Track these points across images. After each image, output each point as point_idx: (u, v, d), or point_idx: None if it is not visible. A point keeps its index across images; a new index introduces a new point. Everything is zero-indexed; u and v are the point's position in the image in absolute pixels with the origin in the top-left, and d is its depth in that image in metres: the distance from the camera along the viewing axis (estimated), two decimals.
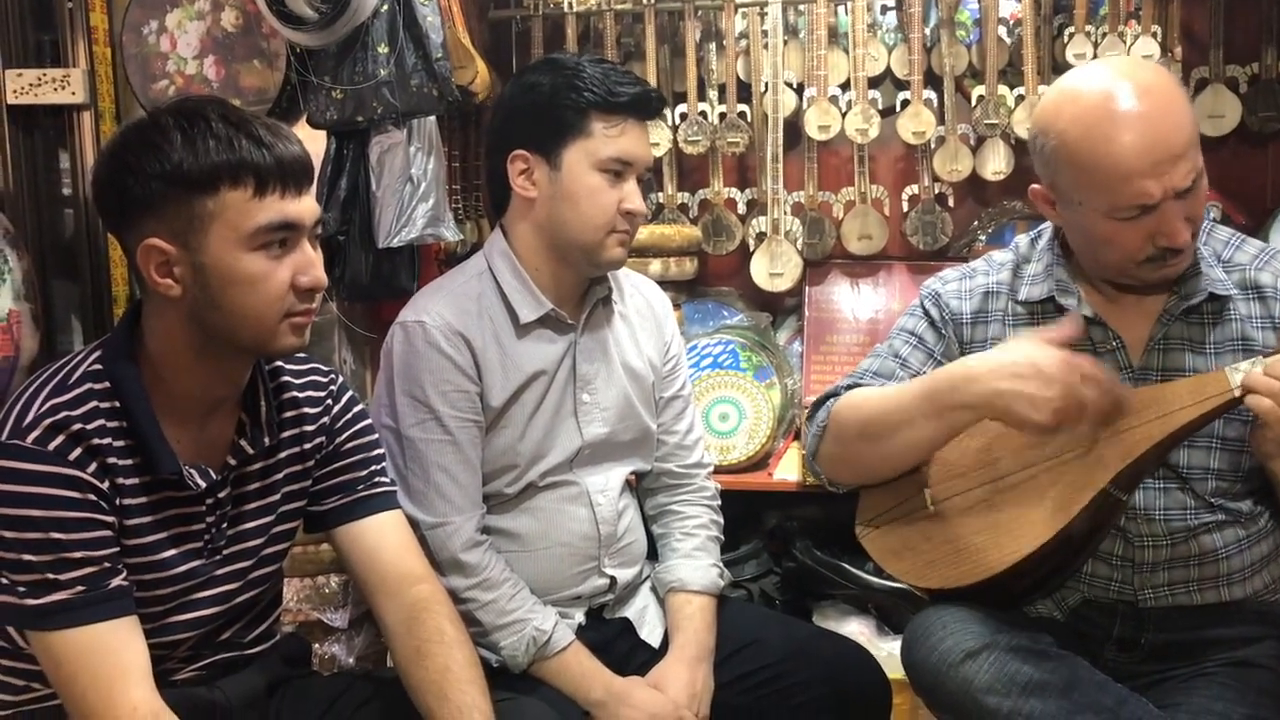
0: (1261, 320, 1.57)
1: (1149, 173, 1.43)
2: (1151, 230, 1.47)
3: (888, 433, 1.57)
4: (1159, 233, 1.46)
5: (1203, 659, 1.54)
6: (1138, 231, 1.47)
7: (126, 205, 1.30)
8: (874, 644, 2.26)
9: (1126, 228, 1.47)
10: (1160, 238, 1.47)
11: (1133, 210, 1.45)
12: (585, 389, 1.78)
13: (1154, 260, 1.50)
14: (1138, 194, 1.44)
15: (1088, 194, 1.48)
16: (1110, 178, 1.44)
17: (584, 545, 1.78)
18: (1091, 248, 1.55)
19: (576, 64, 1.72)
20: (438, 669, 1.42)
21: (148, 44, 2.29)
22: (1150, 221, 1.46)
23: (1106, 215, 1.47)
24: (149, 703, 1.28)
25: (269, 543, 1.48)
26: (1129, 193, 1.44)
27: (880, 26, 2.60)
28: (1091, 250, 1.56)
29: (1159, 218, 1.45)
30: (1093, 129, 1.45)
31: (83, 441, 1.29)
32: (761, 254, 2.62)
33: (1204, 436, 1.53)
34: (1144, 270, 1.52)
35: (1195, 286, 1.56)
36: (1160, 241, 1.47)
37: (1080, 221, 1.53)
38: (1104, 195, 1.46)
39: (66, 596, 1.27)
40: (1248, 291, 1.58)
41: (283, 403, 1.48)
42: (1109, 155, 1.44)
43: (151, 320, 1.37)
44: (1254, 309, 1.57)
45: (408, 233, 2.17)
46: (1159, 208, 1.45)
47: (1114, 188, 1.45)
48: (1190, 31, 2.49)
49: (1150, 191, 1.43)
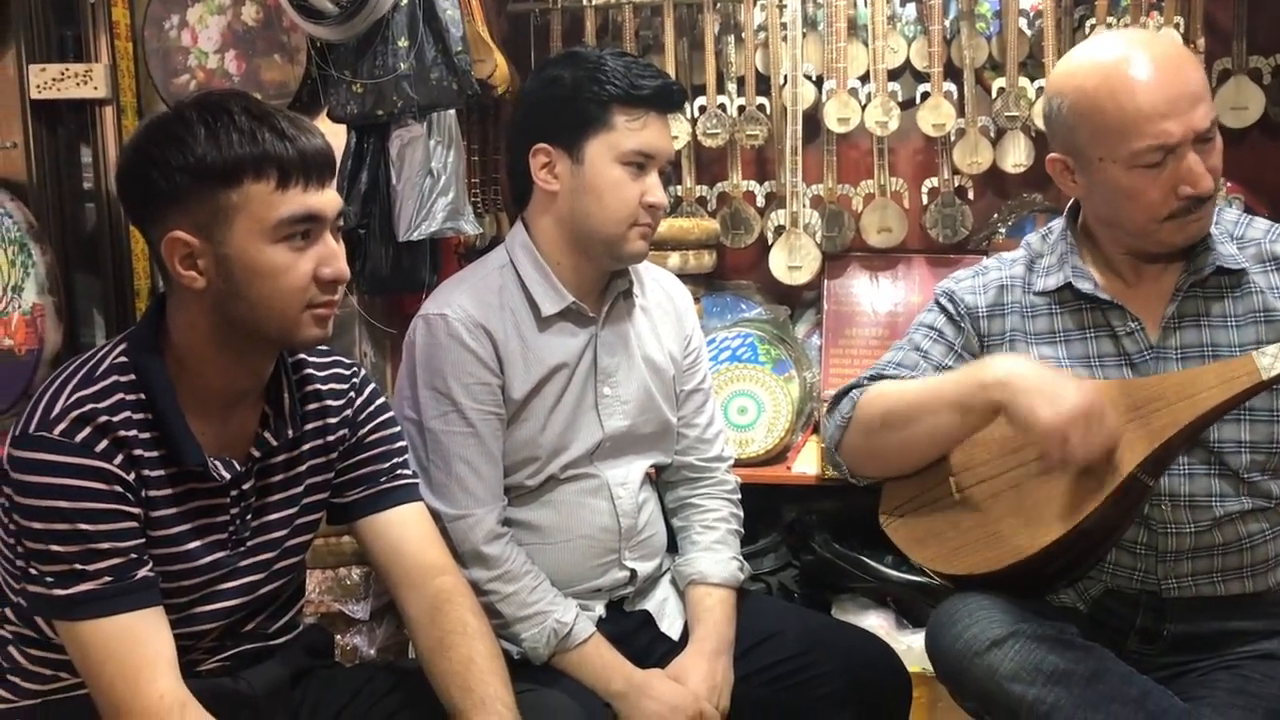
0: None
1: (1169, 112, 1.44)
2: (1174, 180, 1.47)
3: (912, 422, 1.57)
4: (1182, 181, 1.47)
5: (1226, 651, 1.54)
6: (1161, 183, 1.47)
7: (150, 198, 1.31)
8: (893, 637, 2.26)
9: (1149, 179, 1.47)
10: (1183, 186, 1.47)
11: (1155, 154, 1.45)
12: (606, 382, 1.78)
13: (1177, 216, 1.49)
14: (1159, 134, 1.44)
15: (1108, 145, 1.48)
16: (1131, 120, 1.45)
17: (604, 538, 1.79)
18: (1114, 210, 1.54)
19: (598, 57, 1.72)
20: (461, 660, 1.42)
21: (169, 38, 2.30)
22: (1172, 170, 1.46)
23: (1128, 165, 1.47)
24: (175, 692, 1.29)
25: (292, 534, 1.49)
26: (1151, 133, 1.44)
27: (900, 18, 2.59)
28: (1114, 213, 1.55)
29: (1180, 165, 1.46)
30: (1110, 76, 1.47)
31: (109, 433, 1.30)
32: (780, 247, 2.62)
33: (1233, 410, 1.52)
34: (1167, 230, 1.51)
35: (1205, 261, 1.56)
36: (1184, 191, 1.47)
37: (1101, 181, 1.52)
38: (1125, 141, 1.46)
39: (94, 587, 1.28)
40: (1265, 264, 1.58)
41: (306, 395, 1.49)
42: (1130, 98, 1.45)
43: (175, 313, 1.38)
44: (1274, 279, 1.57)
45: (427, 226, 2.17)
46: (1180, 154, 1.45)
47: (1136, 130, 1.45)
48: (1213, 22, 2.47)
49: (1171, 131, 1.44)
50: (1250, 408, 1.53)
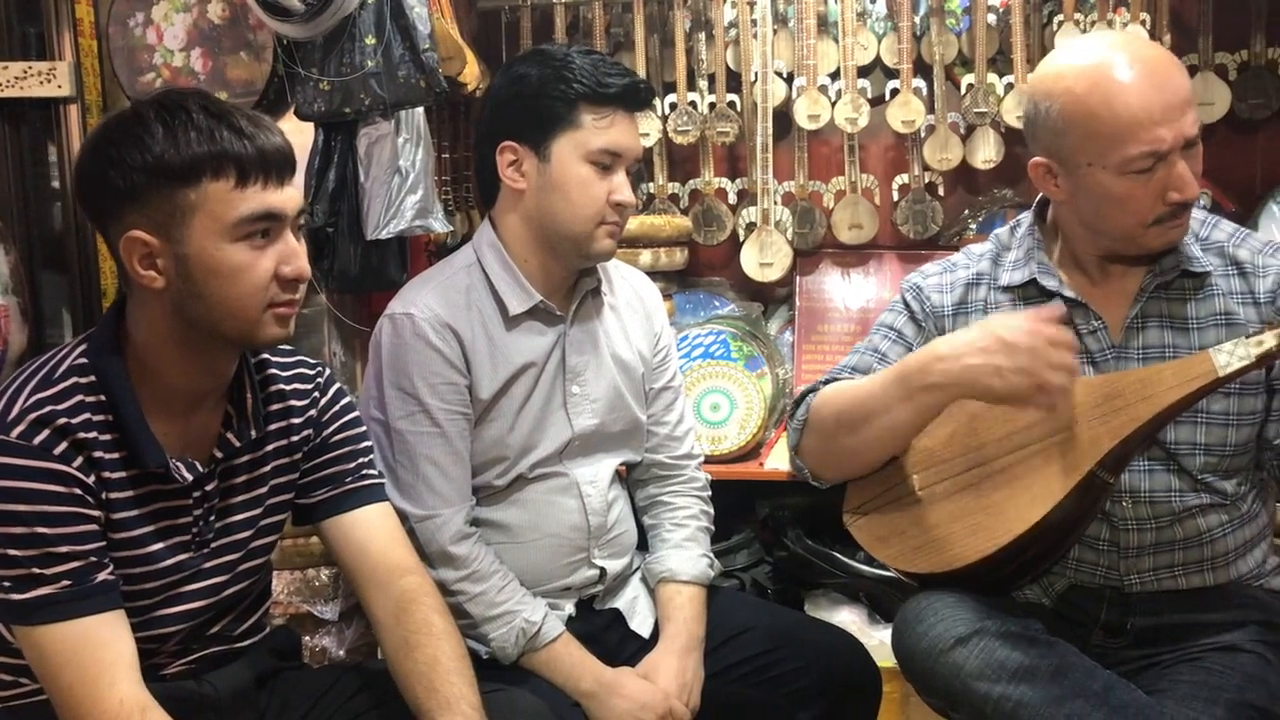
0: (1242, 295, 1.58)
1: (1161, 119, 1.44)
2: (1163, 186, 1.47)
3: (863, 421, 1.57)
4: (1171, 187, 1.47)
5: (1189, 644, 1.55)
6: (1149, 188, 1.47)
7: (108, 198, 1.30)
8: (865, 632, 2.27)
9: (1138, 185, 1.47)
10: (1172, 193, 1.47)
11: (1146, 160, 1.45)
12: (575, 381, 1.78)
13: (1162, 221, 1.50)
14: (1153, 141, 1.44)
15: (1099, 151, 1.48)
16: (1125, 126, 1.45)
17: (574, 537, 1.78)
18: (1098, 215, 1.54)
19: (565, 55, 1.72)
20: (426, 660, 1.42)
21: (134, 36, 2.28)
22: (1162, 177, 1.47)
23: (1118, 171, 1.47)
24: (136, 697, 1.28)
25: (257, 535, 1.48)
26: (1144, 139, 1.44)
27: (870, 15, 2.60)
28: (1098, 219, 1.54)
29: (1171, 172, 1.46)
30: (1101, 81, 1.46)
31: (68, 436, 1.29)
32: (752, 244, 2.62)
33: (1190, 412, 1.54)
34: (1150, 235, 1.51)
35: (1170, 263, 1.57)
36: (1172, 197, 1.48)
37: (1088, 186, 1.51)
38: (1116, 148, 1.46)
39: (52, 591, 1.27)
40: (1229, 267, 1.59)
41: (269, 395, 1.48)
42: (1123, 104, 1.45)
43: (136, 313, 1.36)
44: (1234, 284, 1.58)
45: (396, 224, 2.16)
46: (1169, 160, 1.46)
47: (1128, 136, 1.45)
48: (1179, 18, 2.49)
49: (1164, 138, 1.44)
50: (1206, 411, 1.55)
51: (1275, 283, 1.57)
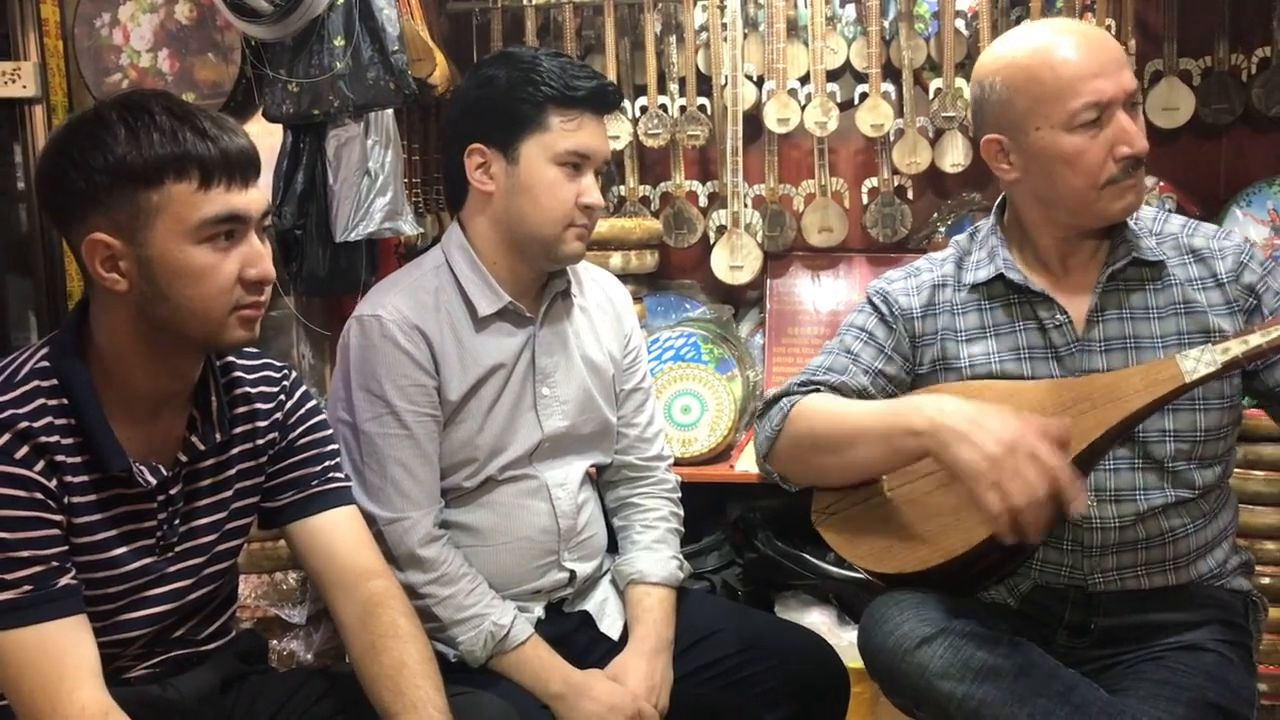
0: (1202, 280, 1.61)
1: (1100, 71, 1.51)
2: (1112, 140, 1.51)
3: (842, 447, 1.58)
4: (1119, 141, 1.51)
5: (1151, 643, 1.56)
6: (1098, 144, 1.51)
7: (70, 200, 1.29)
8: (835, 633, 2.28)
9: (1086, 141, 1.51)
10: (1121, 147, 1.51)
11: (1091, 111, 1.50)
12: (545, 382, 1.78)
13: (1117, 181, 1.53)
14: (1094, 91, 1.50)
15: (1045, 110, 1.52)
16: (1066, 82, 1.51)
17: (543, 539, 1.78)
18: (1052, 182, 1.56)
19: (533, 58, 1.72)
20: (393, 664, 1.41)
21: (100, 36, 2.26)
22: (1108, 132, 1.51)
23: (1067, 127, 1.52)
24: (98, 702, 1.26)
25: (222, 539, 1.47)
26: (1086, 90, 1.50)
27: (839, 19, 2.61)
28: (1052, 186, 1.57)
29: (1116, 126, 1.51)
30: (1039, 48, 1.54)
31: (29, 440, 1.28)
32: (722, 247, 2.63)
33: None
34: (1106, 196, 1.54)
35: (1122, 252, 1.60)
36: (1121, 151, 1.51)
37: (1040, 151, 1.55)
38: (1060, 103, 1.51)
39: (13, 596, 1.26)
40: (1184, 256, 1.62)
41: (235, 398, 1.47)
42: (1063, 62, 1.52)
43: (99, 316, 1.35)
44: (1192, 271, 1.61)
45: (365, 226, 2.16)
46: (1113, 114, 1.51)
47: (1071, 90, 1.50)
48: (1145, 24, 2.52)
49: (1104, 89, 1.50)
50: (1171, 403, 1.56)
51: (1235, 261, 1.60)
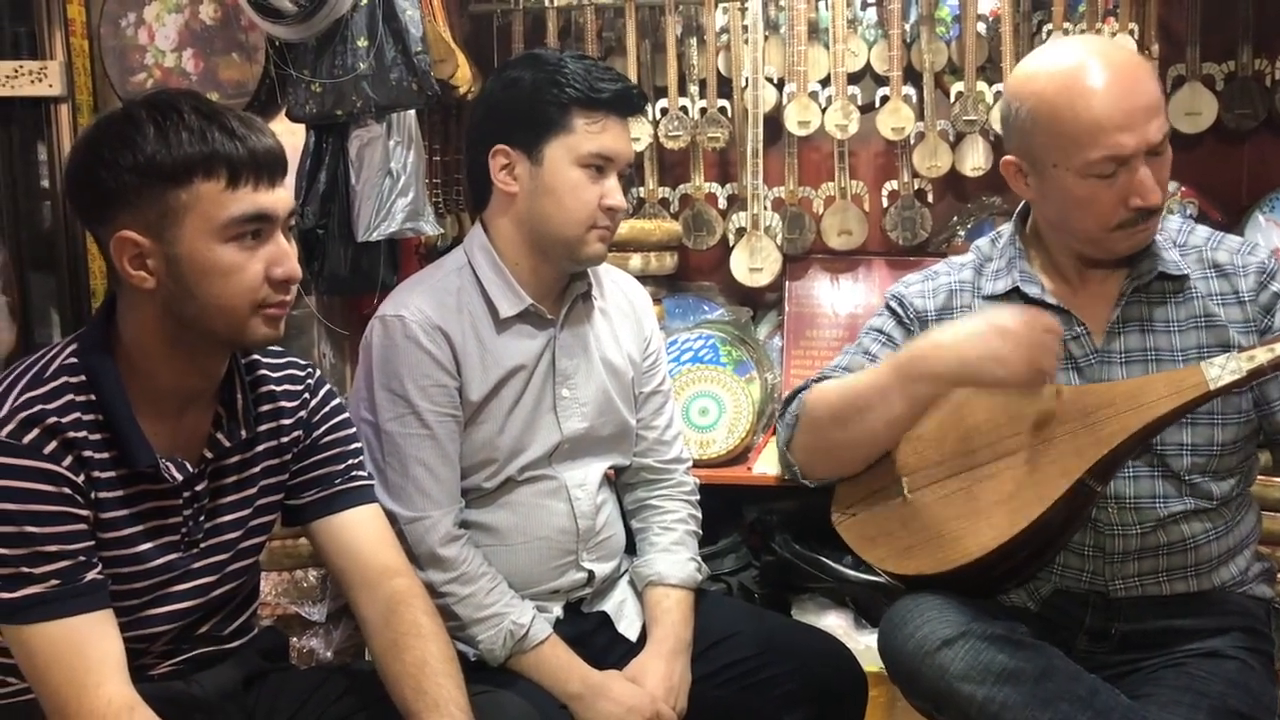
0: (1223, 296, 1.60)
1: (1125, 125, 1.47)
2: (1125, 191, 1.49)
3: (856, 413, 1.59)
4: (1132, 193, 1.49)
5: (1173, 649, 1.56)
6: (1112, 192, 1.50)
7: (99, 198, 1.30)
8: (851, 637, 2.28)
9: (1101, 188, 1.50)
10: (1134, 198, 1.50)
11: (1107, 165, 1.48)
12: (564, 384, 1.78)
13: (1126, 226, 1.52)
14: (1114, 146, 1.47)
15: (1063, 153, 1.50)
16: (1087, 130, 1.47)
17: (562, 540, 1.79)
18: (1065, 216, 1.56)
19: (558, 60, 1.72)
20: (415, 662, 1.42)
21: (125, 36, 2.28)
22: (1124, 181, 1.49)
23: (1081, 174, 1.50)
24: (123, 696, 1.28)
25: (246, 536, 1.48)
26: (1105, 144, 1.47)
27: (860, 22, 2.61)
28: (1064, 220, 1.57)
29: (1132, 177, 1.49)
30: (1069, 86, 1.49)
31: (58, 435, 1.29)
32: (741, 249, 2.63)
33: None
34: (1115, 238, 1.54)
35: (1148, 266, 1.59)
36: (1134, 202, 1.50)
37: (1054, 187, 1.54)
38: (1079, 151, 1.49)
39: (40, 590, 1.27)
40: (1207, 270, 1.61)
41: (259, 396, 1.48)
42: (1087, 108, 1.48)
43: (126, 313, 1.36)
44: (1214, 286, 1.60)
45: (387, 227, 2.17)
46: (1132, 166, 1.48)
47: (1091, 140, 1.47)
48: (1168, 29, 2.51)
49: (1125, 144, 1.47)
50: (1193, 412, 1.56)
51: (1257, 279, 1.59)
